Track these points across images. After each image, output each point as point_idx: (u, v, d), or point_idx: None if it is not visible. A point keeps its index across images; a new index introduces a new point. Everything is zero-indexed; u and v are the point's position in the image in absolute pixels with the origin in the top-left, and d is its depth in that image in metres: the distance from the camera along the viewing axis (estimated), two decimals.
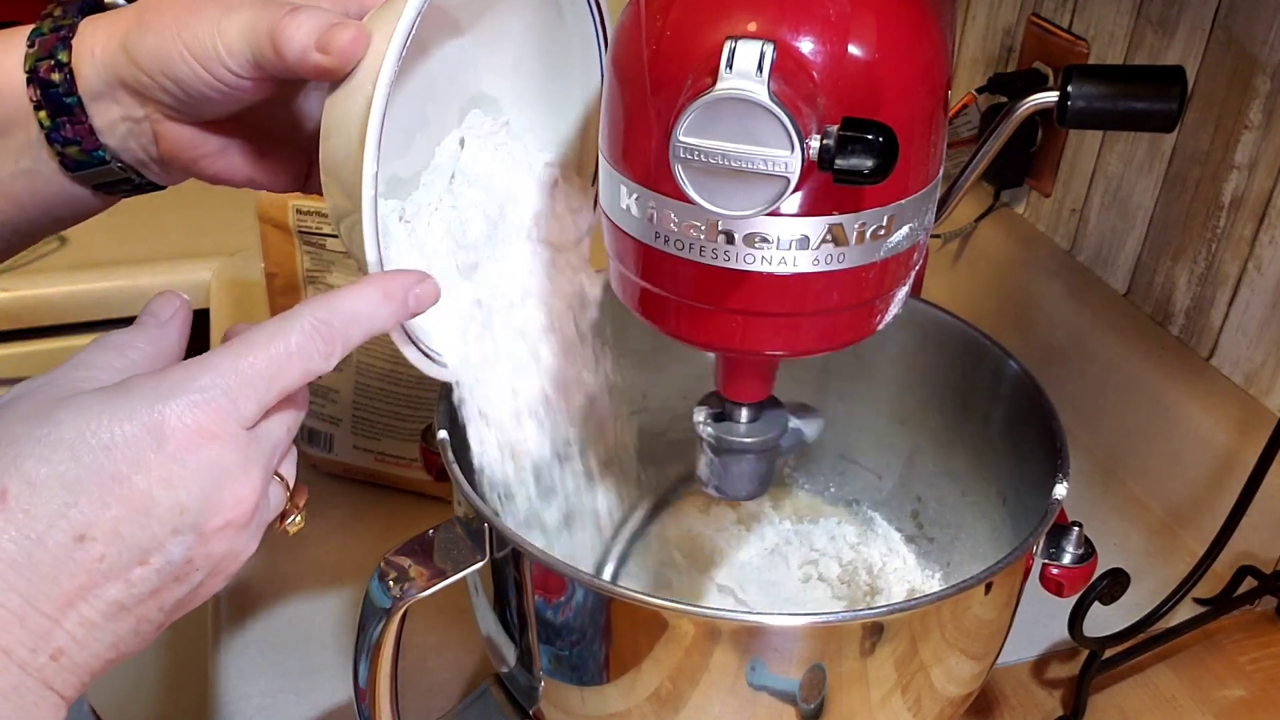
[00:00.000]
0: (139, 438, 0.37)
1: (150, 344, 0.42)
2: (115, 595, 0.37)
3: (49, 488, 0.35)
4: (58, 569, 0.35)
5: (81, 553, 0.36)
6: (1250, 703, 0.65)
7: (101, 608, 0.36)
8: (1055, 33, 0.88)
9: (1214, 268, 0.76)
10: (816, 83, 0.39)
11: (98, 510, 0.36)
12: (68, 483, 0.36)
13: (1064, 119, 0.52)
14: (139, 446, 0.37)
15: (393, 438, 0.76)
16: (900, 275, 0.46)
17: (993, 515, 0.61)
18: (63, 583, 0.35)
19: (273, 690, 0.64)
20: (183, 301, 0.45)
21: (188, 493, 0.37)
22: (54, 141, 0.48)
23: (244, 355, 0.39)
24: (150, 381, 0.38)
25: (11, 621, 0.35)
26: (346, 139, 0.43)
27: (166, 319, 0.44)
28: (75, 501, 0.35)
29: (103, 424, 0.36)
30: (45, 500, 0.35)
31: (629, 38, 0.43)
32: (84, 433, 0.36)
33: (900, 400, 0.67)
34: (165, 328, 0.44)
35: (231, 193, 0.56)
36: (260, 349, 0.39)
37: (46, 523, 0.35)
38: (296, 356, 0.40)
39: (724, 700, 0.47)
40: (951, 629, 0.48)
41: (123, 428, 0.37)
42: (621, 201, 0.44)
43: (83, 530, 0.35)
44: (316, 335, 0.40)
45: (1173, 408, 0.77)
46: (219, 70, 0.46)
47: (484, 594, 0.53)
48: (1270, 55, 0.70)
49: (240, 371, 0.39)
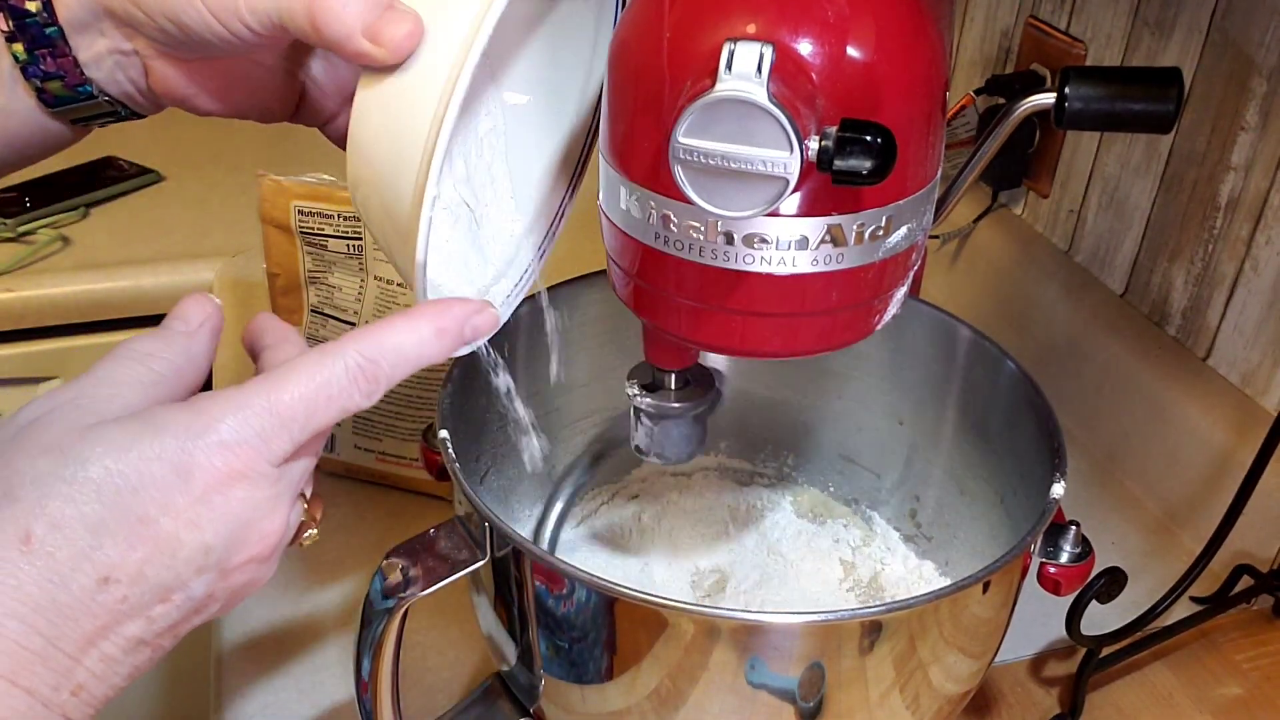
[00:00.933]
0: (167, 479, 0.35)
1: (177, 354, 0.40)
2: (136, 632, 0.36)
3: (74, 529, 0.34)
4: (80, 610, 0.34)
5: (105, 594, 0.35)
6: (1247, 701, 0.66)
7: (121, 644, 0.36)
8: (1053, 34, 0.88)
9: (1211, 268, 0.76)
10: (815, 84, 0.39)
11: (123, 552, 0.35)
12: (93, 524, 0.34)
13: (1061, 120, 0.53)
14: (167, 488, 0.35)
15: (394, 437, 0.76)
16: (899, 275, 0.46)
17: (990, 514, 0.61)
18: (85, 623, 0.35)
19: (274, 688, 0.64)
20: (214, 307, 0.42)
21: (214, 533, 0.36)
22: (31, 76, 0.44)
23: (281, 392, 0.37)
24: (181, 416, 0.36)
25: (34, 662, 0.34)
26: (397, 150, 0.40)
27: (196, 326, 0.41)
28: (100, 544, 0.35)
29: (130, 464, 0.35)
30: (70, 542, 0.34)
31: (629, 39, 0.43)
32: (111, 473, 0.35)
33: (899, 400, 0.67)
34: (194, 336, 0.41)
35: (234, 194, 0.56)
36: (299, 386, 0.37)
37: (71, 565, 0.34)
38: (337, 397, 0.38)
39: (723, 698, 0.48)
40: (950, 627, 0.48)
41: (151, 468, 0.35)
42: (621, 202, 0.45)
43: (107, 572, 0.35)
44: (361, 375, 0.38)
45: (1170, 407, 0.77)
46: (234, 25, 0.42)
47: (484, 593, 0.53)
48: (1266, 57, 0.70)
49: (276, 412, 0.37)
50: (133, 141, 1.23)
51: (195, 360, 0.40)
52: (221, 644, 0.67)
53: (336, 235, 0.74)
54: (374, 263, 0.74)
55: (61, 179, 1.15)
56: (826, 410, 0.71)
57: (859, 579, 0.66)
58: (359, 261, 0.75)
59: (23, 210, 1.09)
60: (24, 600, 0.33)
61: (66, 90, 0.45)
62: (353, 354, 0.38)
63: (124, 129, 0.52)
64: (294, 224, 0.75)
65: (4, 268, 1.03)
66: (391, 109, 0.40)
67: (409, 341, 0.39)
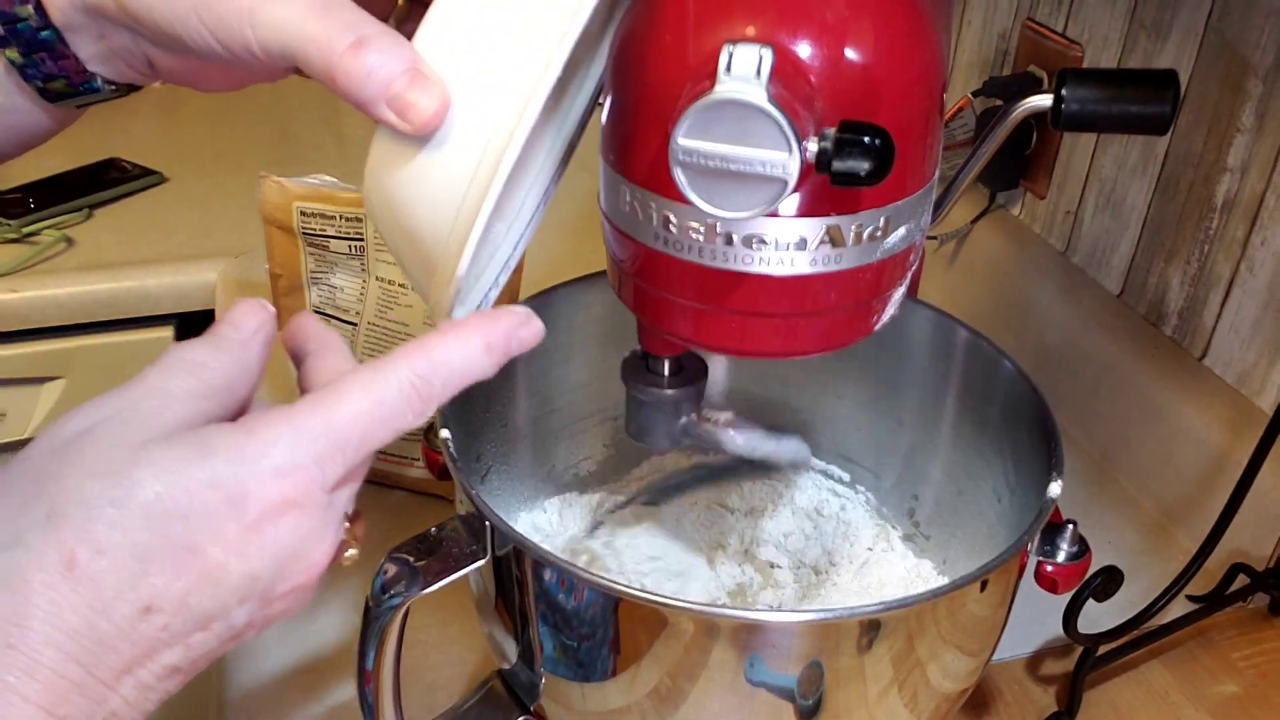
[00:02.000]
0: (218, 507, 0.34)
1: (230, 365, 0.38)
2: (173, 660, 0.35)
3: (119, 555, 0.33)
4: (120, 639, 0.33)
5: (146, 624, 0.33)
6: (1243, 699, 0.66)
7: (158, 671, 0.35)
8: (1050, 36, 0.89)
9: (1207, 269, 0.77)
10: (814, 86, 0.40)
11: (168, 581, 0.33)
12: (139, 551, 0.33)
13: (1058, 122, 0.53)
14: (217, 517, 0.34)
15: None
16: (897, 276, 0.46)
17: (988, 513, 0.62)
18: (124, 652, 0.33)
19: (275, 687, 0.64)
20: (269, 314, 0.39)
21: (262, 564, 0.35)
22: (32, 79, 0.43)
23: (335, 415, 0.36)
24: (233, 439, 0.35)
25: (71, 691, 0.33)
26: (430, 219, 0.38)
27: (250, 334, 0.39)
28: (146, 572, 0.33)
29: (181, 489, 0.34)
30: (114, 569, 0.33)
31: (629, 41, 0.43)
32: (161, 498, 0.33)
33: (897, 400, 0.68)
34: (248, 346, 0.38)
35: (237, 195, 0.56)
36: (353, 406, 0.36)
37: (114, 593, 0.33)
38: (390, 418, 0.36)
39: (723, 697, 0.48)
40: (947, 626, 0.48)
41: (203, 495, 0.34)
42: (621, 203, 0.45)
43: (150, 601, 0.33)
44: (415, 394, 0.37)
45: (1166, 407, 0.77)
46: (242, 52, 0.39)
47: (485, 591, 0.53)
48: (1262, 58, 0.70)
49: (331, 436, 0.35)
50: (136, 143, 1.23)
51: (248, 371, 0.38)
52: None
53: (338, 236, 0.74)
54: (376, 263, 0.75)
55: (65, 180, 1.15)
56: (825, 410, 0.71)
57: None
58: (361, 262, 0.75)
59: (27, 211, 1.09)
60: (63, 628, 0.32)
61: (70, 88, 0.44)
62: (405, 372, 0.37)
63: (128, 131, 0.52)
64: (296, 225, 0.75)
65: (8, 268, 1.03)
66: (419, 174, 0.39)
67: (459, 358, 0.38)
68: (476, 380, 0.39)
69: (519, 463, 0.67)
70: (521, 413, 0.66)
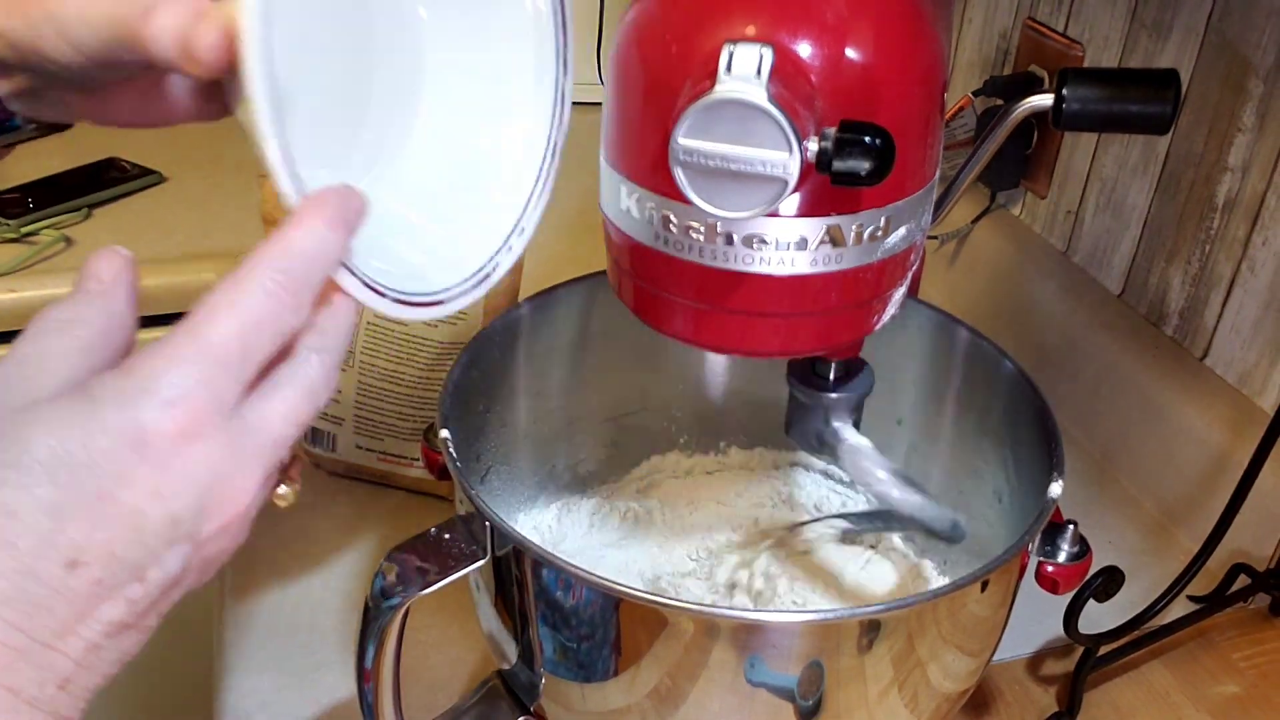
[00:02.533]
0: (120, 452, 0.34)
1: (98, 315, 0.37)
2: (116, 615, 0.34)
3: (30, 515, 0.32)
4: (54, 599, 0.33)
5: (75, 579, 0.33)
6: (1244, 699, 0.66)
7: (103, 629, 0.34)
8: (1050, 36, 0.89)
9: (1208, 269, 0.77)
10: (814, 86, 0.40)
11: (87, 533, 0.33)
12: (49, 508, 0.33)
13: (1059, 121, 0.53)
14: (121, 462, 0.34)
15: (395, 437, 0.76)
16: (897, 276, 0.46)
17: (989, 513, 0.62)
18: (60, 611, 0.33)
19: (276, 687, 0.64)
20: (125, 259, 0.39)
21: (180, 503, 0.35)
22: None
23: (209, 334, 0.35)
24: (115, 382, 0.34)
25: (16, 659, 0.32)
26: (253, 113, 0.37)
27: (110, 283, 0.38)
28: (61, 527, 0.33)
29: (76, 440, 0.33)
30: (29, 530, 0.32)
31: (630, 41, 0.43)
32: (57, 453, 0.33)
33: (897, 400, 0.68)
34: (110, 294, 0.38)
35: (236, 194, 0.56)
36: (223, 323, 0.35)
37: (35, 553, 0.33)
38: (267, 320, 0.36)
39: (723, 697, 0.48)
40: (948, 626, 0.48)
41: (99, 443, 0.33)
42: (622, 202, 0.45)
43: (73, 555, 0.33)
44: (281, 290, 0.36)
45: (1167, 407, 0.77)
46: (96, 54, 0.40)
47: (485, 591, 0.53)
48: (1263, 58, 0.70)
49: (210, 355, 0.35)
50: (135, 143, 1.23)
51: (119, 319, 0.38)
52: (222, 641, 0.67)
53: None
54: None
55: (64, 180, 1.15)
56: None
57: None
58: None
59: (26, 211, 1.09)
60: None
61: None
62: (262, 273, 0.36)
63: (127, 130, 0.52)
64: None
65: (7, 268, 1.03)
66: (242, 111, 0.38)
67: (309, 242, 0.37)
68: (336, 260, 0.38)
69: (519, 463, 0.67)
70: (521, 413, 0.66)
